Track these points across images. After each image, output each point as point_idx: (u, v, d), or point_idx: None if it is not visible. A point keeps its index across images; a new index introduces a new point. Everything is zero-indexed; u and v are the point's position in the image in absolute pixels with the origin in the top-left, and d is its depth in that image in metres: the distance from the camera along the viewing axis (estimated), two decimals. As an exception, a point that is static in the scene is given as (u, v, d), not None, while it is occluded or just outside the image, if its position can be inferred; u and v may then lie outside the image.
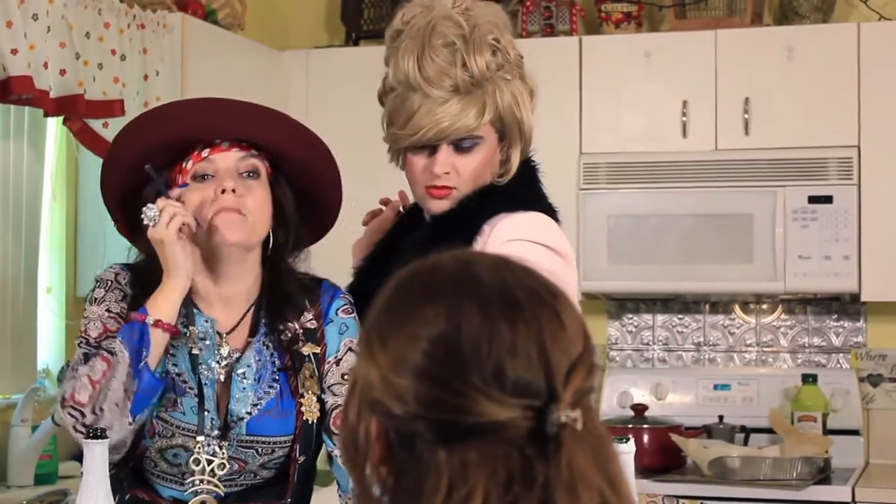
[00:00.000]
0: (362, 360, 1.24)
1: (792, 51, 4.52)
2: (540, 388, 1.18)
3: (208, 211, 2.31)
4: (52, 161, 4.16)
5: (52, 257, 4.19)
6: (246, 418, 2.33)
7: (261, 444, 2.33)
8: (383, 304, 1.27)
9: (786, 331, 4.90)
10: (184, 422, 2.32)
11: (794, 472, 4.13)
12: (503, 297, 1.22)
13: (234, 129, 2.35)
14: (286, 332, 2.38)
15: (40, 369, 4.11)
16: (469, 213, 2.41)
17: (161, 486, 2.37)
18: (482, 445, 1.17)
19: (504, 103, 2.40)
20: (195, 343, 2.35)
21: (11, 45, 3.47)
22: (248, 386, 2.34)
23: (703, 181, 4.54)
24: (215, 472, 2.31)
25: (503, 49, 2.41)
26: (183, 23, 4.24)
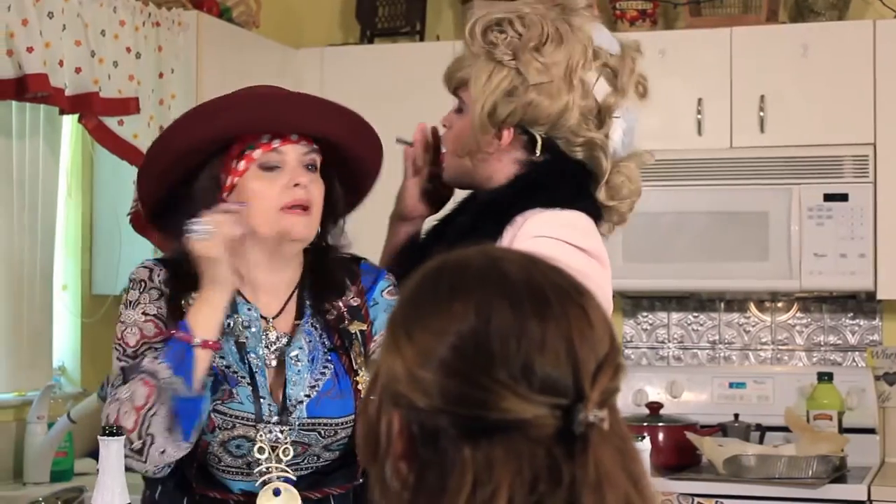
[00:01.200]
0: (386, 352, 1.23)
1: (807, 48, 4.51)
2: (568, 386, 1.17)
3: (277, 202, 2.31)
4: (67, 159, 4.17)
5: (68, 255, 4.20)
6: (305, 401, 2.30)
7: (323, 426, 2.31)
8: (409, 296, 1.26)
9: (801, 329, 4.88)
10: (242, 411, 2.29)
11: (809, 471, 4.12)
12: (533, 293, 1.21)
13: (307, 124, 2.36)
14: (331, 311, 2.37)
15: (56, 367, 4.12)
16: (505, 202, 2.41)
17: (229, 480, 2.33)
18: (508, 443, 1.16)
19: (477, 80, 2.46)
20: (241, 332, 2.33)
21: (27, 43, 3.48)
22: (303, 368, 2.32)
23: (718, 179, 4.53)
24: (281, 458, 2.29)
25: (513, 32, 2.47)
26: (198, 21, 4.25)
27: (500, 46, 2.43)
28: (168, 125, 2.41)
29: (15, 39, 3.46)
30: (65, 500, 3.58)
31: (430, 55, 4.89)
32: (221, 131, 2.33)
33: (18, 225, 3.87)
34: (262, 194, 2.31)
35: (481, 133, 2.43)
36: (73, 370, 4.21)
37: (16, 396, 3.93)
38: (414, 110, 4.92)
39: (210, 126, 2.33)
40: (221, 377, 2.30)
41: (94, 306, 4.24)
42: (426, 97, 4.77)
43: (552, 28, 2.44)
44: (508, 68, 2.43)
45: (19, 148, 3.88)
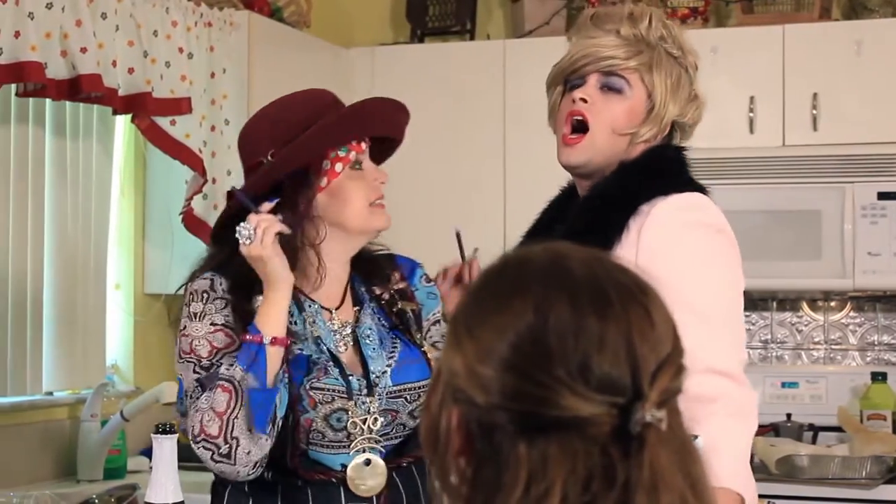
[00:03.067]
0: (448, 348, 1.24)
1: (861, 45, 4.47)
2: (625, 385, 1.16)
3: (367, 199, 2.48)
4: (120, 158, 4.20)
5: (121, 254, 4.23)
6: (387, 371, 2.44)
7: (409, 391, 2.45)
8: (472, 293, 1.26)
9: (854, 328, 4.85)
10: (337, 386, 2.40)
11: (863, 471, 4.08)
12: (593, 291, 1.20)
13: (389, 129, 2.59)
14: (382, 295, 2.55)
15: (109, 365, 4.15)
16: (622, 192, 2.36)
17: (332, 456, 2.41)
18: (563, 440, 1.15)
19: (660, 72, 2.40)
20: (311, 327, 2.45)
21: (81, 44, 3.51)
22: (377, 345, 2.47)
23: (770, 178, 4.50)
24: (371, 428, 2.41)
25: (675, 35, 2.45)
26: (249, 20, 4.27)
27: (669, 42, 2.44)
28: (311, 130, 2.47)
29: (69, 40, 3.49)
30: (118, 497, 3.60)
31: (481, 54, 4.90)
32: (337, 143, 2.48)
33: (72, 224, 3.90)
34: (356, 192, 2.47)
35: (655, 124, 2.41)
36: (125, 368, 4.23)
37: (69, 394, 3.96)
38: (464, 109, 4.91)
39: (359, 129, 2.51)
40: (311, 364, 2.41)
41: (146, 305, 4.27)
42: (477, 96, 4.79)
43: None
44: (681, 66, 2.45)
45: (73, 148, 3.90)
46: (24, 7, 3.36)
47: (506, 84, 4.76)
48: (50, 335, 3.84)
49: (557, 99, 2.48)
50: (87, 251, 3.97)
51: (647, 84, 2.39)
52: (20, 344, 3.72)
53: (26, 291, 3.73)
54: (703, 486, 1.22)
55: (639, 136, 2.39)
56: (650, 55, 2.40)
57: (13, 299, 3.69)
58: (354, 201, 2.46)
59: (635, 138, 2.40)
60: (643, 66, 2.39)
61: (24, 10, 3.36)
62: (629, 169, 2.38)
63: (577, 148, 2.39)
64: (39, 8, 3.40)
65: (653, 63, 2.39)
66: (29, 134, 3.73)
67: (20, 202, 3.70)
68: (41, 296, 3.79)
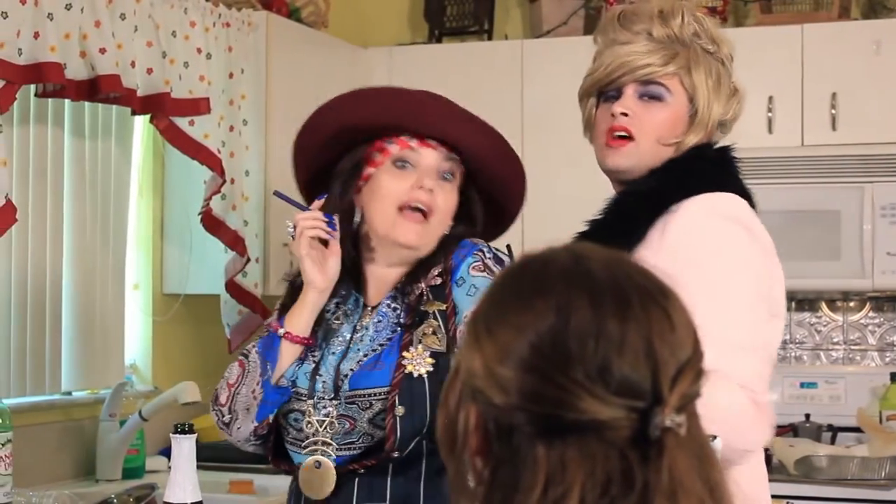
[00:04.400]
0: (467, 347, 1.23)
1: (880, 45, 4.46)
2: (645, 389, 1.15)
3: (397, 200, 2.36)
4: (138, 159, 4.21)
5: (139, 254, 4.24)
6: (349, 374, 2.36)
7: (359, 397, 2.35)
8: (492, 292, 1.25)
9: (873, 329, 4.83)
10: (297, 386, 2.39)
11: (882, 472, 4.07)
12: (615, 293, 1.19)
13: (448, 131, 2.39)
14: (413, 292, 2.39)
15: (127, 364, 4.16)
16: (654, 190, 2.27)
17: (296, 453, 2.41)
18: (582, 443, 1.15)
19: (698, 72, 2.31)
20: (339, 318, 2.43)
21: (100, 45, 3.52)
22: (363, 346, 2.39)
23: (789, 177, 4.49)
24: (328, 431, 2.36)
25: (706, 28, 2.35)
26: (267, 21, 4.28)
27: (703, 37, 2.35)
28: (319, 106, 2.45)
29: (88, 41, 3.50)
30: (136, 497, 3.61)
31: (499, 54, 4.90)
32: (361, 119, 2.39)
33: (91, 224, 3.91)
34: (387, 189, 2.37)
35: (701, 129, 2.33)
36: (144, 369, 4.24)
37: (88, 394, 3.97)
38: (482, 109, 4.90)
39: (355, 111, 2.41)
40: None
41: (165, 305, 4.28)
42: (494, 96, 4.78)
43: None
44: (717, 60, 2.36)
45: (91, 148, 3.91)
46: (43, 8, 3.37)
47: (523, 84, 4.76)
48: (69, 335, 3.85)
49: (592, 111, 2.39)
50: (105, 251, 3.98)
51: (687, 87, 2.31)
52: (39, 344, 3.73)
53: (45, 291, 3.74)
54: (722, 490, 1.21)
55: (685, 144, 2.32)
56: (686, 55, 2.30)
57: (32, 299, 3.70)
58: (384, 199, 2.37)
59: (681, 146, 2.32)
60: (682, 69, 2.30)
61: (44, 10, 3.37)
62: (667, 169, 2.30)
63: (622, 152, 2.30)
64: (59, 9, 3.41)
65: (690, 64, 2.30)
66: (48, 134, 3.74)
67: (39, 203, 3.71)
68: (60, 296, 3.80)
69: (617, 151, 2.30)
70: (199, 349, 4.35)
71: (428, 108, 2.39)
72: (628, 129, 2.29)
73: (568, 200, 4.61)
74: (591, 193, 2.41)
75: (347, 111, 2.42)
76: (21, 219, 3.47)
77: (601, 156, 2.35)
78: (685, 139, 2.31)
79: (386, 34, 5.31)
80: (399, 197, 2.36)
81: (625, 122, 2.29)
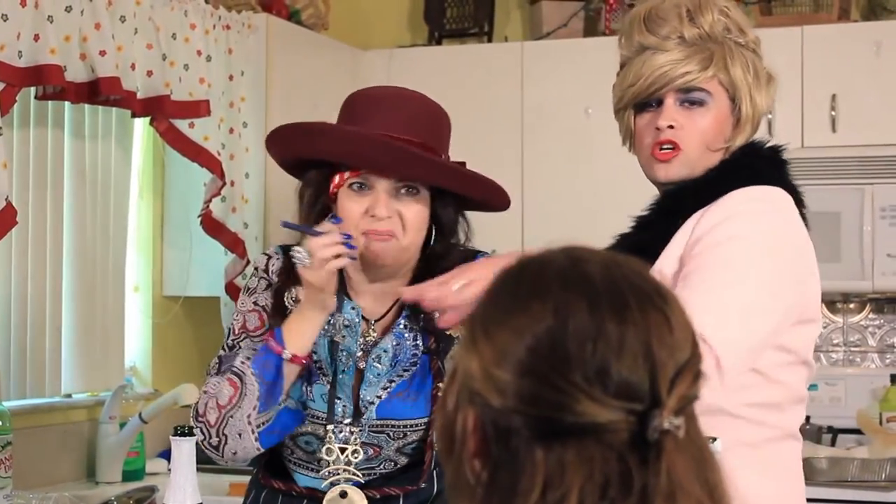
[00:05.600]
0: (464, 349, 1.22)
1: (880, 46, 4.46)
2: (643, 391, 1.15)
3: (361, 225, 2.29)
4: (138, 161, 4.21)
5: (139, 256, 4.24)
6: (376, 402, 2.30)
7: (391, 427, 2.30)
8: (490, 294, 1.24)
9: (874, 330, 4.83)
10: (313, 409, 2.32)
11: (882, 474, 4.07)
12: (612, 296, 1.19)
13: (394, 170, 2.30)
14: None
15: (127, 367, 4.16)
16: (702, 185, 2.23)
17: (298, 473, 2.37)
18: (580, 446, 1.14)
19: (736, 68, 2.25)
20: (339, 331, 2.34)
21: (100, 47, 3.52)
22: (384, 371, 2.32)
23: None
24: (350, 460, 2.29)
25: (733, 19, 2.28)
26: (267, 23, 4.28)
27: (733, 30, 2.28)
28: (272, 130, 2.40)
29: (88, 43, 3.50)
30: (136, 499, 3.61)
31: (499, 56, 4.90)
32: (314, 153, 2.33)
33: (91, 226, 3.91)
34: (348, 212, 2.30)
35: (748, 126, 2.29)
36: (144, 371, 4.24)
37: (88, 397, 3.97)
38: (482, 111, 4.90)
39: (307, 145, 2.34)
40: (305, 374, 2.32)
41: (165, 307, 4.28)
42: (494, 98, 4.78)
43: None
44: (750, 50, 2.30)
45: (91, 150, 3.91)
46: (43, 10, 3.37)
47: (523, 86, 4.76)
48: (69, 337, 3.85)
49: (630, 122, 2.31)
50: (105, 253, 3.98)
51: (726, 86, 2.25)
52: (39, 346, 3.73)
53: (45, 294, 3.74)
54: (721, 492, 1.21)
55: (734, 145, 2.28)
56: (722, 53, 2.24)
57: (32, 301, 3.70)
58: (348, 221, 2.29)
59: (731, 148, 2.28)
60: (720, 70, 2.24)
61: (44, 13, 3.37)
62: (717, 169, 2.26)
63: (673, 163, 2.24)
64: (59, 11, 3.41)
65: (727, 62, 2.24)
66: (48, 137, 3.74)
67: (39, 205, 3.72)
68: (60, 298, 3.80)
69: (667, 164, 2.25)
70: (199, 351, 4.35)
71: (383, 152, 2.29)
72: (675, 141, 2.24)
73: (567, 202, 4.61)
74: (590, 195, 2.41)
75: (294, 145, 2.36)
76: (21, 221, 3.47)
77: (650, 168, 2.28)
78: (733, 141, 2.27)
79: (386, 36, 5.31)
80: (359, 226, 2.29)
81: (670, 134, 2.23)
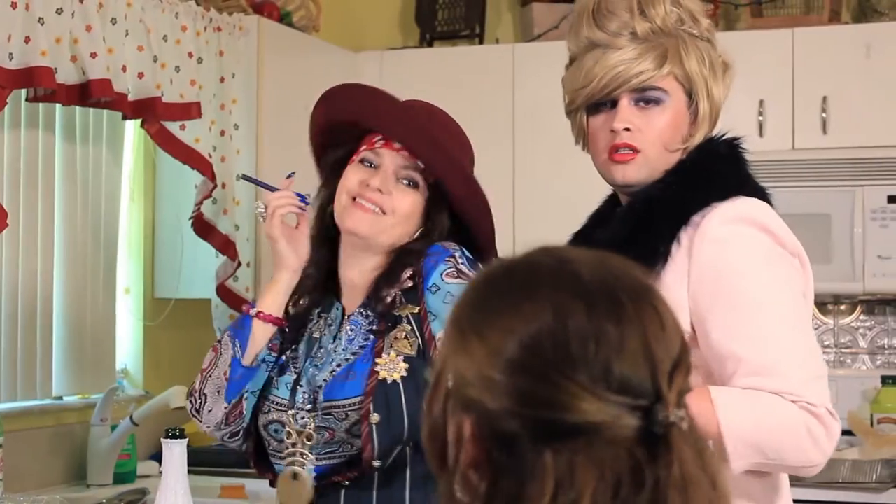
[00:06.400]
0: (453, 354, 1.21)
1: (870, 48, 4.47)
2: (646, 387, 1.16)
3: (349, 191, 2.37)
4: (129, 163, 4.20)
5: (130, 258, 4.24)
6: (323, 385, 2.35)
7: (336, 408, 2.32)
8: (473, 298, 1.24)
9: (864, 332, 4.84)
10: (277, 397, 2.39)
11: (873, 475, 4.07)
12: (606, 295, 1.19)
13: (406, 140, 2.37)
14: (384, 298, 2.35)
15: (119, 369, 4.16)
16: (671, 199, 2.13)
17: (276, 463, 2.41)
18: (589, 447, 1.15)
19: (691, 61, 2.16)
20: (322, 329, 2.42)
21: (91, 49, 3.51)
22: (336, 357, 2.37)
23: (780, 181, 4.49)
24: (304, 442, 2.35)
25: (685, 7, 2.19)
26: (258, 25, 4.27)
27: (687, 21, 2.19)
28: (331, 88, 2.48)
29: (79, 45, 3.50)
30: (128, 501, 3.60)
31: (490, 58, 4.90)
32: (333, 116, 2.43)
33: (82, 228, 3.90)
34: (345, 180, 2.39)
35: (706, 123, 2.21)
36: (135, 373, 4.24)
37: (79, 399, 3.96)
38: (473, 113, 4.92)
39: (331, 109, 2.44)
40: (278, 369, 2.42)
41: (156, 309, 4.27)
42: (486, 100, 4.79)
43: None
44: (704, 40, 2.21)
45: (83, 152, 3.91)
46: (34, 12, 3.36)
47: (515, 88, 4.76)
48: (60, 339, 3.84)
49: (584, 122, 2.24)
50: (96, 255, 3.98)
51: (682, 81, 2.17)
52: (30, 348, 3.72)
53: (36, 296, 3.74)
54: (722, 480, 1.22)
55: (693, 143, 2.20)
56: (676, 47, 2.16)
57: (23, 303, 3.69)
58: (341, 189, 2.38)
59: (690, 146, 2.20)
60: (675, 66, 2.16)
61: (35, 15, 3.37)
62: (678, 173, 2.18)
63: (631, 165, 2.17)
64: (49, 13, 3.41)
65: (681, 56, 2.16)
66: (39, 139, 3.74)
67: (30, 207, 3.71)
68: (51, 300, 3.80)
69: (625, 166, 2.17)
70: (191, 353, 4.33)
71: (383, 110, 2.40)
72: (631, 144, 2.16)
73: (559, 203, 4.61)
74: (582, 196, 2.40)
75: (331, 105, 2.45)
76: (12, 223, 3.46)
77: (607, 171, 2.21)
78: (692, 141, 2.20)
79: (377, 38, 5.32)
80: (351, 189, 2.36)
81: (627, 137, 2.16)
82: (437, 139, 2.38)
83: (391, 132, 2.38)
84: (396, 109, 2.40)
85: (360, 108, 2.41)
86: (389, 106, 2.40)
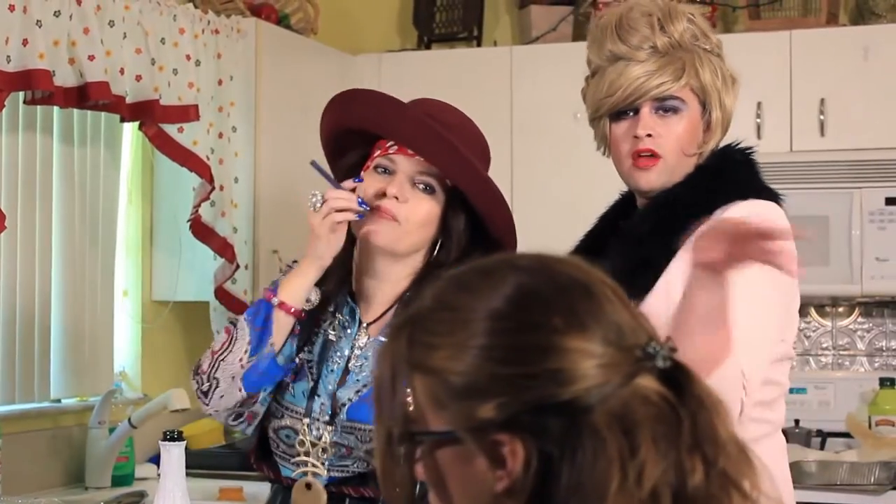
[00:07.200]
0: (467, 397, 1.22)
1: (868, 51, 4.47)
2: (640, 334, 1.21)
3: (370, 202, 2.35)
4: (127, 166, 4.20)
5: (129, 261, 4.23)
6: (347, 404, 2.34)
7: (359, 430, 2.32)
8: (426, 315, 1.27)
9: (863, 334, 4.84)
10: (293, 404, 2.37)
11: (871, 477, 4.07)
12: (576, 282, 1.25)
13: (420, 148, 2.36)
14: None
15: (117, 372, 4.15)
16: (694, 197, 2.30)
17: (283, 466, 2.40)
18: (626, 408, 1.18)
19: (705, 74, 2.35)
20: (336, 330, 2.40)
21: (88, 52, 3.51)
22: (362, 376, 2.36)
23: (777, 183, 4.40)
24: (319, 454, 2.34)
25: (699, 25, 2.38)
26: (256, 28, 4.27)
27: (700, 37, 2.38)
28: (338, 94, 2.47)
29: (77, 48, 3.50)
30: (126, 504, 3.61)
31: (488, 60, 4.90)
32: (348, 121, 2.42)
33: (80, 231, 3.90)
34: (366, 191, 2.36)
35: (719, 130, 2.39)
36: (133, 375, 4.23)
37: (77, 402, 3.96)
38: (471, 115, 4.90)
39: (342, 114, 2.43)
40: (295, 370, 2.39)
41: (154, 312, 4.27)
42: (484, 102, 4.78)
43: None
44: (715, 55, 2.39)
45: (80, 155, 3.91)
46: (31, 15, 3.36)
47: (513, 90, 4.76)
48: (58, 342, 3.84)
49: (606, 130, 2.40)
50: (94, 258, 3.98)
51: (697, 92, 2.35)
52: (28, 351, 3.72)
53: (34, 298, 3.74)
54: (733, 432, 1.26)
55: (707, 149, 2.38)
56: (692, 61, 2.34)
57: (21, 306, 3.69)
58: (366, 199, 2.36)
59: (704, 153, 2.38)
60: (692, 78, 2.34)
61: (32, 17, 3.36)
62: (700, 175, 2.35)
63: (653, 171, 2.34)
64: (47, 16, 3.41)
65: (697, 69, 2.35)
66: (37, 142, 3.74)
67: (28, 209, 3.71)
68: (49, 303, 3.79)
69: (647, 172, 2.34)
70: (189, 356, 4.34)
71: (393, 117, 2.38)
72: (653, 150, 2.33)
73: (557, 205, 4.62)
74: (580, 198, 2.42)
75: (338, 111, 2.44)
76: (10, 226, 3.46)
77: (630, 177, 2.38)
78: (706, 145, 2.37)
79: (375, 41, 5.32)
80: (369, 201, 2.35)
81: (649, 143, 2.33)
82: (452, 146, 2.36)
83: (406, 141, 2.37)
84: (408, 118, 2.37)
85: (372, 116, 2.39)
86: (400, 114, 2.38)
